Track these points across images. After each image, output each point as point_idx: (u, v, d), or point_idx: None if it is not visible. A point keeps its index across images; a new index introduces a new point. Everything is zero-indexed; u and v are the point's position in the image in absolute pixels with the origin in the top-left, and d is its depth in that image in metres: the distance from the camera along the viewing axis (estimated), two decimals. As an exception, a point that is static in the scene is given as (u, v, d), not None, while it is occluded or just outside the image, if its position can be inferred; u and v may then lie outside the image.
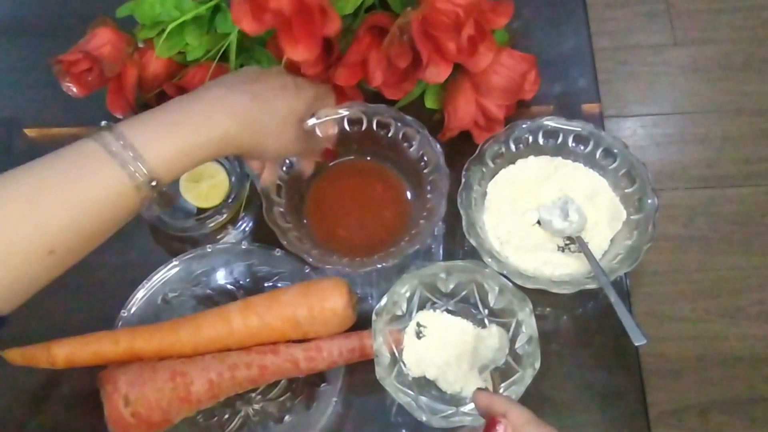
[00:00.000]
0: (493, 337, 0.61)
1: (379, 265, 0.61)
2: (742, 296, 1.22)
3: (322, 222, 0.69)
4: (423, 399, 0.58)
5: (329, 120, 0.64)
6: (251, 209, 0.72)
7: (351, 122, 0.68)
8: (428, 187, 0.66)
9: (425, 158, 0.67)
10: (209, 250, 0.67)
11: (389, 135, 0.68)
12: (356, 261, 0.63)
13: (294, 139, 0.58)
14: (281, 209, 0.65)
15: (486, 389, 0.49)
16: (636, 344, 0.59)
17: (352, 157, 0.71)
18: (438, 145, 0.66)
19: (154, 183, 0.47)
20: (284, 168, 0.66)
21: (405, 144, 0.68)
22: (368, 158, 0.71)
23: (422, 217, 0.65)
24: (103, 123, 0.47)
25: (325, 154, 0.67)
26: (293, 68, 0.63)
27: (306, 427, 0.60)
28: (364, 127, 0.68)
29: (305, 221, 0.69)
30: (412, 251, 0.62)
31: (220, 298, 0.66)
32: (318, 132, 0.64)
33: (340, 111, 0.66)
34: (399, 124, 0.67)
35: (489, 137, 0.68)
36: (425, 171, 0.67)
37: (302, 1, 0.59)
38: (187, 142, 0.49)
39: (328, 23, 0.60)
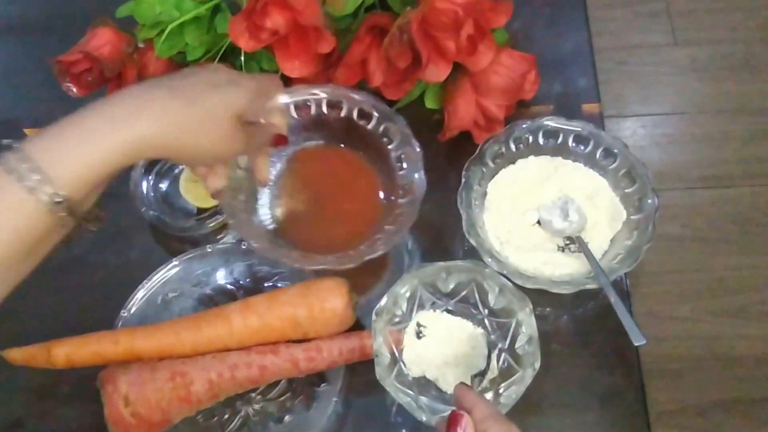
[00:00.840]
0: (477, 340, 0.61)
1: (331, 266, 0.59)
2: (742, 296, 1.22)
3: (285, 210, 0.67)
4: (423, 399, 0.58)
5: (277, 108, 0.58)
6: (251, 209, 0.72)
7: (330, 105, 0.66)
8: (401, 191, 0.63)
9: (403, 158, 0.64)
10: (209, 250, 0.67)
11: (369, 127, 0.65)
12: (308, 257, 0.61)
13: (233, 137, 0.51)
14: (245, 214, 0.63)
15: (467, 385, 0.51)
16: (636, 344, 0.59)
17: (323, 143, 0.68)
18: (418, 147, 0.63)
19: (59, 200, 0.42)
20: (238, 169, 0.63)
21: (384, 139, 0.65)
22: (342, 146, 0.68)
23: (389, 222, 0.62)
24: (6, 141, 0.45)
25: (276, 141, 0.60)
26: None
27: (306, 427, 0.60)
28: (343, 114, 0.66)
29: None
30: (371, 257, 0.59)
31: (220, 298, 0.66)
32: (263, 120, 0.56)
33: (288, 97, 0.64)
34: (380, 117, 0.65)
35: (489, 137, 0.68)
36: (401, 173, 0.64)
37: (297, 22, 0.59)
38: (97, 151, 0.43)
39: (323, 43, 0.61)
